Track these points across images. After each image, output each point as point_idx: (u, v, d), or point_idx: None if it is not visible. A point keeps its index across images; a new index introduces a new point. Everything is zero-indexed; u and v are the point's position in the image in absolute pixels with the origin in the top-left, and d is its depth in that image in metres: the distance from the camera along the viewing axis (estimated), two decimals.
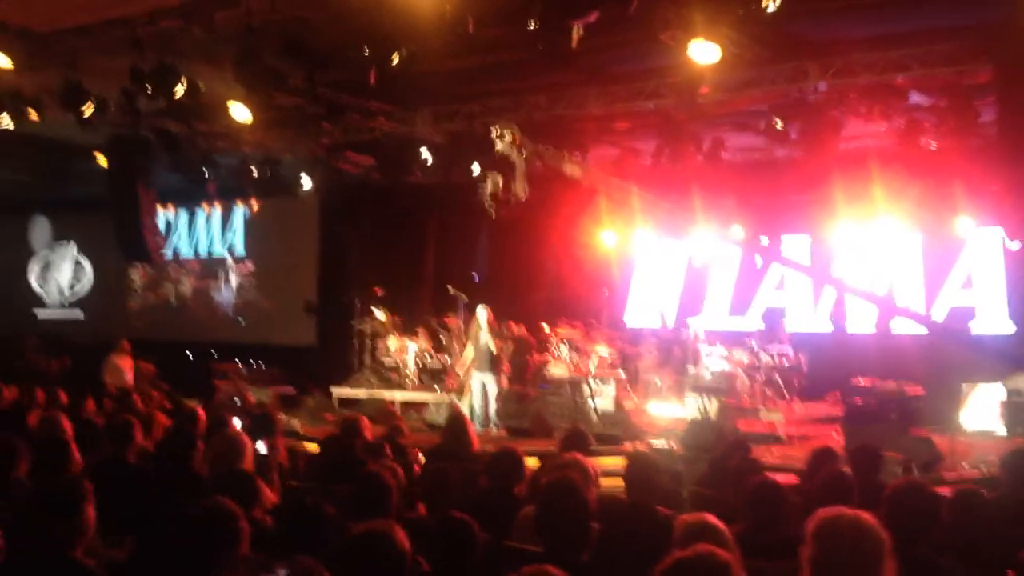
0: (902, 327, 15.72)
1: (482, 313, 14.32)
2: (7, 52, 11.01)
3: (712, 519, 4.12)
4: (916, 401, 12.80)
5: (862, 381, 13.57)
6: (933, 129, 12.89)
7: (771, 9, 7.95)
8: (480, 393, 14.14)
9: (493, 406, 14.02)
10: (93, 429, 8.37)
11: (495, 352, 14.11)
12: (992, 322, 16.01)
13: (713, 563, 3.06)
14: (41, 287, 26.34)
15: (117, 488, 5.71)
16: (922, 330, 15.74)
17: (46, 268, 26.24)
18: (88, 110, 11.96)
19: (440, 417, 14.39)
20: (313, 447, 11.30)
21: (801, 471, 8.23)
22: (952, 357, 15.01)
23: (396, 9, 8.92)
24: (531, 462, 6.74)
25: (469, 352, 14.37)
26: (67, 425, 7.65)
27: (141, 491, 6.22)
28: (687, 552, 3.10)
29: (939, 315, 16.41)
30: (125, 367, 16.11)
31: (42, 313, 26.07)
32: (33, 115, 12.44)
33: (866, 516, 3.21)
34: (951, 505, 5.23)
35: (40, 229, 26.35)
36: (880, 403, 12.51)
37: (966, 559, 4.73)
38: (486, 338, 14.08)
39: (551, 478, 4.62)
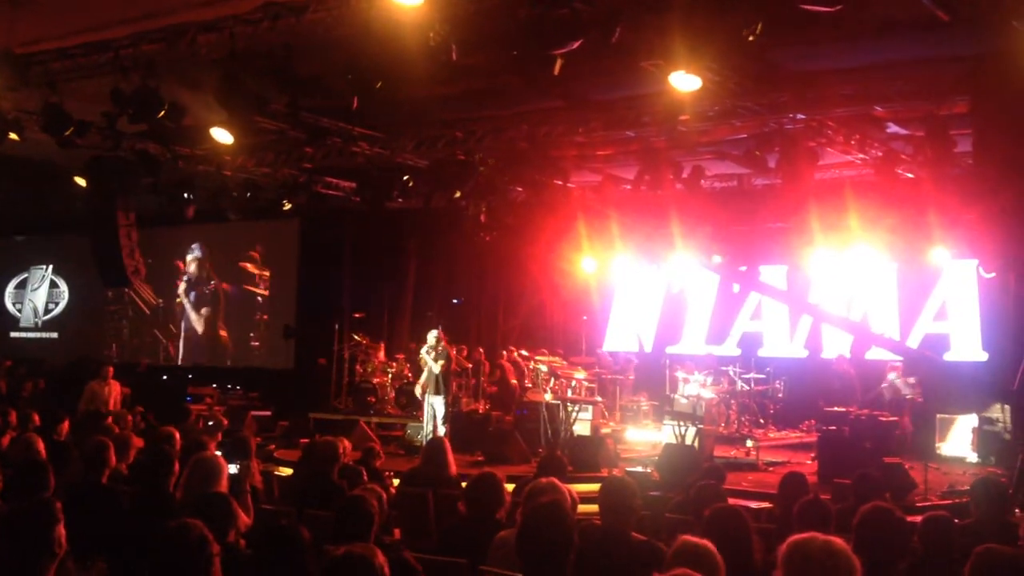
0: (877, 355, 15.81)
1: (431, 337, 14.71)
2: None
3: (708, 545, 4.08)
4: (890, 428, 12.87)
5: (837, 408, 13.67)
6: (910, 159, 13.03)
7: (751, 38, 8.03)
8: (430, 416, 14.48)
9: (441, 429, 14.15)
10: (67, 451, 8.33)
11: (440, 374, 14.49)
12: (966, 351, 16.13)
13: None
14: (16, 308, 26.14)
15: (90, 510, 5.69)
16: (897, 358, 15.85)
17: (22, 289, 26.07)
18: (69, 132, 11.93)
19: (417, 441, 14.42)
20: (288, 471, 11.27)
21: (774, 497, 8.28)
22: (926, 386, 15.13)
23: (379, 35, 8.96)
24: (507, 487, 6.73)
25: (425, 375, 14.83)
26: (41, 446, 7.60)
27: (114, 513, 6.19)
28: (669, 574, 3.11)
29: (914, 344, 16.52)
30: (108, 395, 15.60)
31: (16, 334, 25.85)
32: (13, 136, 12.37)
33: (838, 541, 3.24)
34: (923, 531, 5.27)
35: None
36: (854, 430, 12.57)
37: None
38: (431, 361, 14.58)
39: (540, 502, 4.62)
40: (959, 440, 14.56)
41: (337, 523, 5.12)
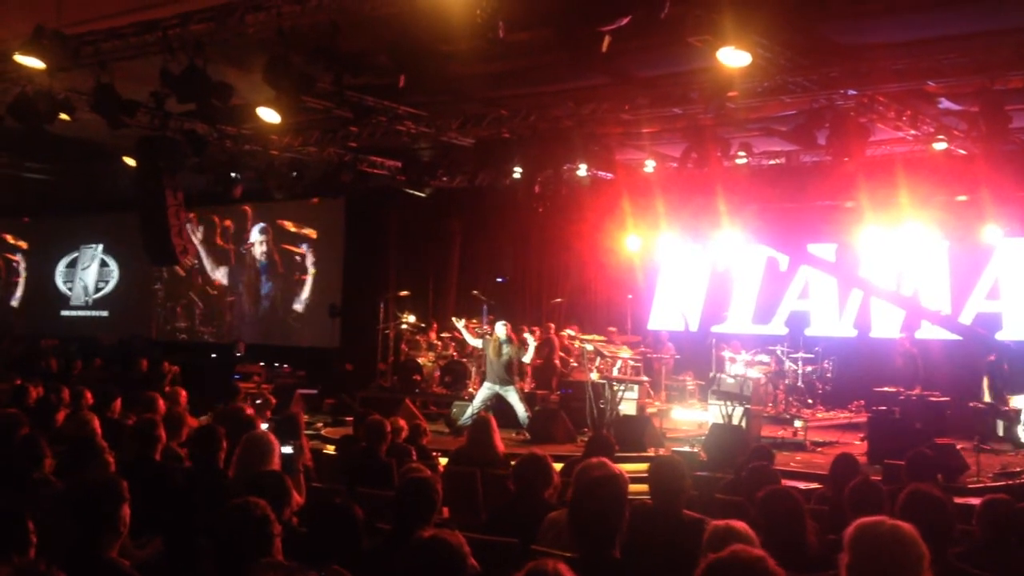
0: (928, 333, 15.60)
1: (501, 329, 14.48)
2: (40, 54, 11.07)
3: (740, 524, 4.12)
4: (941, 409, 12.70)
5: (887, 389, 13.51)
6: (963, 135, 12.80)
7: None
8: (482, 399, 14.33)
9: (522, 413, 14.13)
10: (120, 429, 8.44)
11: (515, 363, 14.33)
12: (1019, 330, 15.86)
13: (748, 560, 3.04)
14: (67, 287, 26.52)
15: (145, 488, 5.74)
16: (948, 336, 15.61)
17: (72, 268, 26.43)
18: (118, 112, 12.03)
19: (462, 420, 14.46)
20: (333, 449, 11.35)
21: (825, 478, 8.20)
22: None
23: (426, 13, 8.92)
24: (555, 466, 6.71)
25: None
26: (96, 425, 7.69)
27: (169, 491, 6.25)
28: (722, 554, 3.09)
29: (966, 322, 16.28)
30: None
31: (67, 313, 26.24)
32: (64, 116, 12.49)
33: (905, 526, 3.19)
34: (983, 515, 5.19)
35: None
36: (904, 411, 12.42)
37: (999, 568, 4.69)
38: (507, 351, 14.25)
39: (595, 475, 4.61)
40: (1010, 421, 14.34)
41: (401, 503, 5.08)
